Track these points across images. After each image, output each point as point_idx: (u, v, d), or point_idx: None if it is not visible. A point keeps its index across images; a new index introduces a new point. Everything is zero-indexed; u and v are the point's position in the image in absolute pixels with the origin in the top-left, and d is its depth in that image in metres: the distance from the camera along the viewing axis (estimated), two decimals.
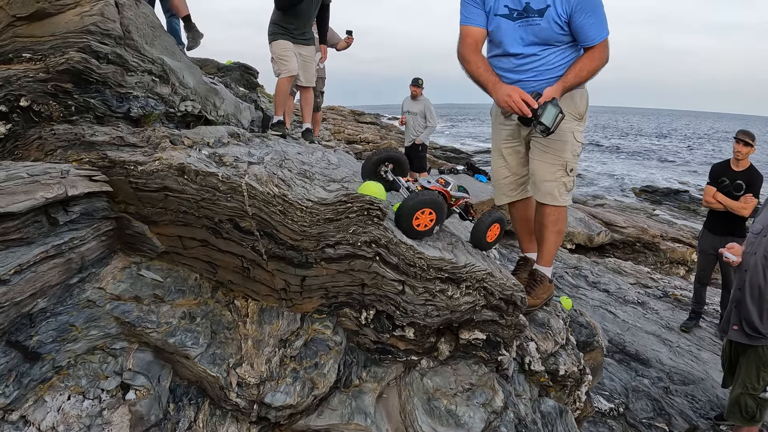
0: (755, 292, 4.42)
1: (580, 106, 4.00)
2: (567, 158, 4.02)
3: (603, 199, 23.99)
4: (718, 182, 7.44)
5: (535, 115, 3.53)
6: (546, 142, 3.96)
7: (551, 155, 4.00)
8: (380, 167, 3.85)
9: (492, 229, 3.84)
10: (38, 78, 3.25)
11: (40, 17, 3.38)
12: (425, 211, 3.32)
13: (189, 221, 3.13)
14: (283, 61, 6.25)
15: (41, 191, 2.56)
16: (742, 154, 7.36)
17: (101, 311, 2.78)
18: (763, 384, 4.49)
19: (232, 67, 10.20)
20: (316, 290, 3.19)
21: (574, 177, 4.14)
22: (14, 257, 2.42)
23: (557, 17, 3.62)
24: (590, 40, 3.72)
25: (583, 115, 4.05)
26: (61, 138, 3.21)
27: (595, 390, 5.77)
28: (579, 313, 5.34)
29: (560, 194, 4.09)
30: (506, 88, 3.64)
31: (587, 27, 3.66)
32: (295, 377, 2.93)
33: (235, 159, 3.38)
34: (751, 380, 4.51)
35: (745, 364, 4.62)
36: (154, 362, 2.79)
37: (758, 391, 4.51)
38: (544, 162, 4.03)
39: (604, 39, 3.72)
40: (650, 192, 27.93)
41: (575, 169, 4.12)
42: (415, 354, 3.38)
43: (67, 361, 2.56)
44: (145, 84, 3.82)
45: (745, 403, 4.58)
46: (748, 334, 4.50)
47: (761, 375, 4.52)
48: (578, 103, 3.99)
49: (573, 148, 4.03)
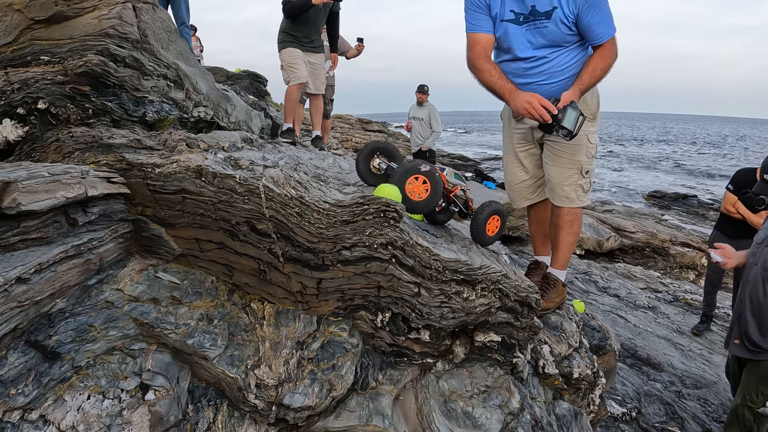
0: (755, 305, 4.35)
1: (591, 106, 3.98)
2: (582, 160, 4.01)
3: (611, 204, 23.94)
4: (741, 192, 7.31)
5: (555, 120, 3.52)
6: (560, 146, 3.96)
7: (566, 159, 3.99)
8: (372, 161, 3.87)
9: (491, 222, 3.82)
10: (56, 80, 3.28)
11: (58, 20, 3.41)
12: (419, 178, 3.42)
13: (206, 224, 3.14)
14: (293, 68, 6.28)
15: (62, 190, 2.58)
16: None
17: (119, 312, 2.80)
18: (762, 398, 4.42)
19: (242, 75, 10.26)
20: (332, 293, 3.19)
21: (590, 178, 4.13)
22: (34, 256, 2.44)
23: (565, 18, 3.62)
24: (599, 38, 3.70)
25: (595, 114, 4.04)
26: (78, 140, 3.23)
27: (608, 395, 5.75)
28: (591, 316, 5.34)
29: (577, 196, 4.08)
30: (525, 95, 3.59)
31: (595, 25, 3.66)
32: (313, 379, 2.93)
33: (251, 162, 3.40)
34: (750, 394, 4.47)
35: (746, 377, 4.57)
36: (173, 363, 2.79)
37: (757, 405, 4.45)
38: (559, 167, 4.02)
39: (612, 36, 3.70)
40: (659, 197, 27.84)
41: (591, 170, 4.11)
42: (430, 356, 3.38)
43: (86, 361, 2.57)
44: (160, 88, 3.85)
45: (743, 415, 4.54)
46: (749, 348, 4.45)
47: (760, 389, 4.45)
48: (590, 102, 3.97)
49: (587, 150, 4.02)
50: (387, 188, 3.35)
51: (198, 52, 16.81)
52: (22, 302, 2.34)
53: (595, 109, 4.03)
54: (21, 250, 2.43)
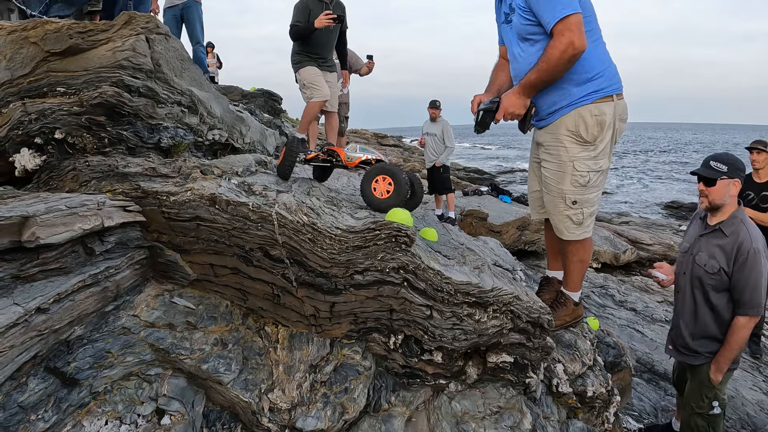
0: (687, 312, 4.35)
1: (582, 127, 3.57)
2: (565, 189, 3.69)
3: (628, 216, 23.79)
4: (743, 197, 7.32)
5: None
6: (545, 170, 3.79)
7: (551, 185, 3.78)
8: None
9: (378, 181, 3.84)
10: (72, 111, 3.35)
11: (73, 52, 3.48)
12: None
13: (220, 249, 3.20)
14: (315, 86, 6.32)
15: (79, 223, 2.65)
16: (758, 163, 7.24)
17: (136, 338, 2.85)
18: (707, 401, 4.35)
19: (256, 93, 10.36)
20: (345, 316, 3.24)
21: (582, 210, 3.74)
22: (53, 287, 2.51)
23: (519, 8, 3.48)
24: (547, 26, 3.36)
25: (593, 139, 3.58)
26: (95, 169, 3.31)
27: (624, 410, 5.73)
28: (606, 333, 5.33)
29: (566, 228, 3.80)
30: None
31: (541, 12, 3.38)
32: (326, 402, 2.96)
33: (264, 188, 3.45)
34: (697, 401, 4.41)
35: (689, 386, 4.53)
36: (188, 388, 2.84)
37: (704, 410, 4.37)
38: (548, 193, 3.84)
39: (559, 20, 3.28)
40: (675, 208, 27.64)
41: (583, 201, 3.72)
42: (443, 377, 3.41)
43: (103, 387, 2.62)
44: (174, 115, 3.91)
45: (696, 424, 4.45)
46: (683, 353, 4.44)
47: (704, 393, 4.38)
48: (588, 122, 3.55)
49: (573, 179, 3.66)
50: (399, 213, 3.39)
51: (215, 69, 16.94)
52: (41, 331, 2.41)
53: (597, 132, 3.56)
54: (40, 280, 2.49)
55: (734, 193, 4.04)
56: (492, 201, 13.73)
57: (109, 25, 3.51)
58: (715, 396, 4.28)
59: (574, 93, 3.53)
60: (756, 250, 3.89)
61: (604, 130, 3.56)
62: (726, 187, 4.03)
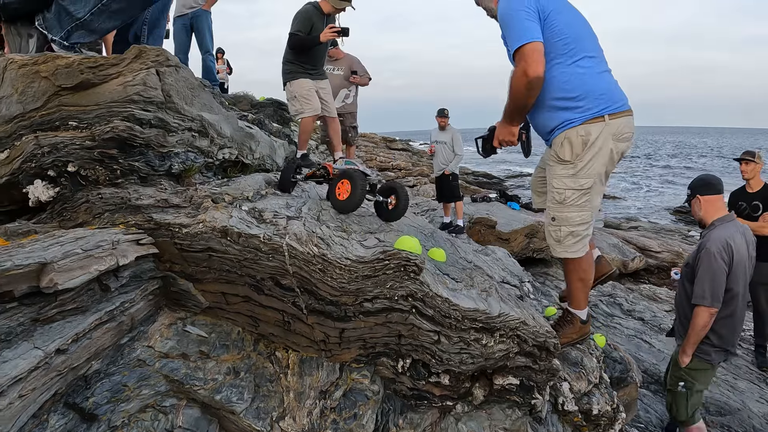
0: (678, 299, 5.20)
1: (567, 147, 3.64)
2: (549, 204, 3.87)
3: (637, 221, 23.77)
4: (736, 207, 7.42)
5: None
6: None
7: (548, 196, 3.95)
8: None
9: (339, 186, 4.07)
10: (84, 145, 3.42)
11: (84, 87, 3.54)
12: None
13: (232, 279, 3.27)
14: (306, 100, 6.36)
15: (95, 265, 2.72)
16: (747, 173, 7.39)
17: (151, 370, 2.92)
18: (674, 379, 5.02)
19: (266, 103, 10.40)
20: (355, 341, 3.31)
21: (560, 227, 3.81)
22: (71, 327, 2.58)
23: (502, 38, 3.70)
24: (509, 55, 3.60)
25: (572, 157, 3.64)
26: (108, 202, 3.38)
27: (631, 423, 5.77)
28: (613, 347, 5.38)
29: (550, 244, 3.96)
30: None
31: (506, 42, 3.60)
32: (335, 428, 3.03)
33: (274, 214, 3.53)
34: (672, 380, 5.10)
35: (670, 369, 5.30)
36: (202, 418, 2.91)
37: (673, 387, 5.06)
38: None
39: (515, 50, 3.45)
40: (685, 212, 27.59)
41: (562, 219, 3.79)
42: (450, 399, 3.47)
43: (121, 421, 2.68)
44: (185, 140, 3.98)
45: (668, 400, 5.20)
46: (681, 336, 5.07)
47: (672, 371, 5.10)
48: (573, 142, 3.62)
49: (550, 195, 3.82)
50: (408, 241, 3.46)
51: (225, 75, 17.00)
52: (61, 371, 2.48)
53: (580, 150, 3.61)
54: (58, 321, 2.56)
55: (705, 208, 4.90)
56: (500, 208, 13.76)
57: (119, 59, 3.57)
58: (681, 377, 4.96)
59: (561, 116, 3.64)
60: (707, 250, 4.63)
61: (585, 149, 3.61)
62: (695, 206, 5.00)
